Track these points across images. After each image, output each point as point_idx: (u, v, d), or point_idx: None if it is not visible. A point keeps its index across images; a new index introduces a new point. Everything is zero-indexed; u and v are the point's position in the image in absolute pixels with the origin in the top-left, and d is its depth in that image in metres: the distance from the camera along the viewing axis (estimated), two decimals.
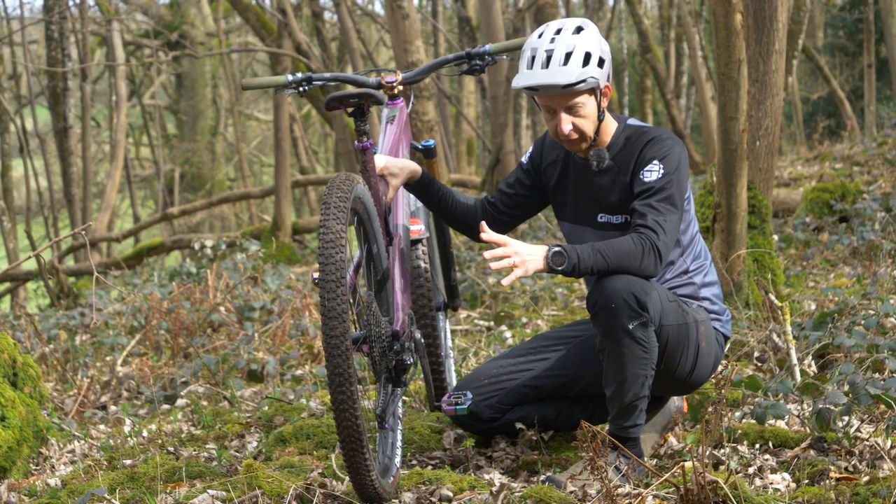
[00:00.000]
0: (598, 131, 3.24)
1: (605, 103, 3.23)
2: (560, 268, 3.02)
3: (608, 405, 3.17)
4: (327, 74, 3.53)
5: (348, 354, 2.66)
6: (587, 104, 3.17)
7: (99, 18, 17.11)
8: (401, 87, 3.52)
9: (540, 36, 3.17)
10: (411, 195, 3.55)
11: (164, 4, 20.33)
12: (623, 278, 3.04)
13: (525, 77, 3.14)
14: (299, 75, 3.50)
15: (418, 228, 3.54)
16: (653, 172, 3.17)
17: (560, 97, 3.15)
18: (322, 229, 2.70)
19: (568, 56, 3.10)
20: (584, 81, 3.11)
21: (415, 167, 3.39)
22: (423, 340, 3.30)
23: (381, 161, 3.30)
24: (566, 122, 3.17)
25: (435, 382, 3.60)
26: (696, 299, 3.34)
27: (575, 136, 3.19)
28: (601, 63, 3.14)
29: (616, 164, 3.27)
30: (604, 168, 3.27)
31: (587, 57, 3.11)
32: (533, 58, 3.14)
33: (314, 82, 3.52)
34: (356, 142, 3.10)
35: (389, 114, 3.55)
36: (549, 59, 3.11)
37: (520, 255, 3.00)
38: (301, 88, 3.51)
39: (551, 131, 3.23)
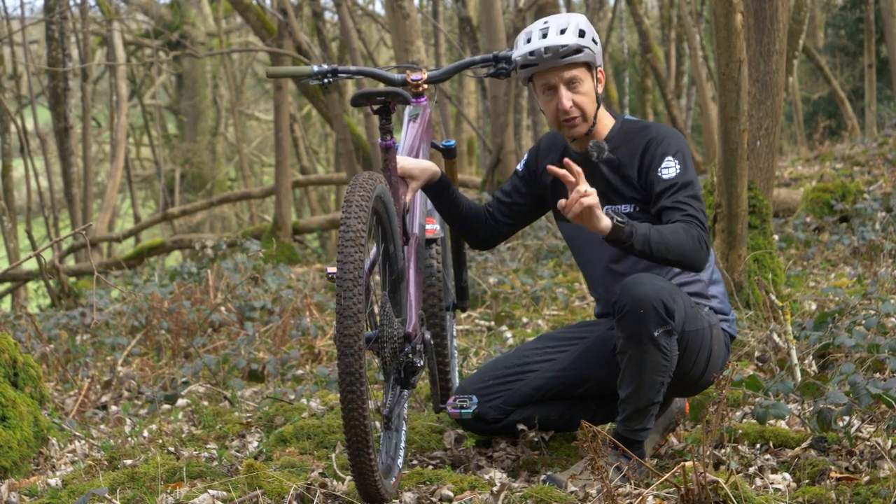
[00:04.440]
0: (596, 117, 3.24)
1: (599, 89, 3.25)
2: (622, 223, 2.97)
3: (620, 406, 3.15)
4: (353, 68, 3.49)
5: (361, 354, 2.66)
6: (585, 81, 3.20)
7: (99, 18, 17.12)
8: (426, 86, 3.49)
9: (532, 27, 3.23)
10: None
11: (164, 4, 20.34)
12: (653, 283, 3.03)
13: (525, 46, 3.17)
14: (325, 67, 3.47)
15: (433, 228, 3.51)
16: (670, 169, 3.18)
17: (560, 69, 3.17)
18: (343, 227, 2.70)
19: (563, 30, 3.17)
20: (582, 51, 3.15)
21: (434, 170, 3.36)
22: (431, 341, 3.29)
23: (401, 163, 3.27)
24: (566, 98, 3.18)
25: (441, 384, 3.59)
26: (705, 297, 3.33)
27: (576, 112, 3.20)
28: (595, 42, 3.19)
29: (617, 157, 3.27)
30: (603, 160, 3.27)
31: (581, 32, 3.17)
32: (530, 37, 3.19)
33: (340, 75, 3.50)
34: (380, 140, 3.09)
35: (412, 112, 3.52)
36: (546, 32, 3.17)
37: (592, 197, 2.94)
38: (326, 80, 3.48)
39: (551, 115, 3.24)
